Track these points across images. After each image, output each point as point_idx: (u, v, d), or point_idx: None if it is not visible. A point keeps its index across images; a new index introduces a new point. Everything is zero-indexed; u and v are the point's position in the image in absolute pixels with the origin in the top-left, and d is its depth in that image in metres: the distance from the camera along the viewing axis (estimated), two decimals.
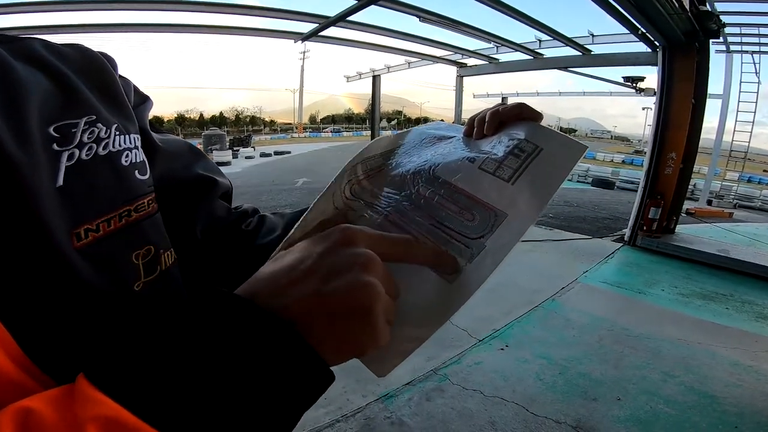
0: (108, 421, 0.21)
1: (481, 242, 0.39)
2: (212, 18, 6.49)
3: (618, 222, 7.98)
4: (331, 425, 2.26)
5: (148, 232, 0.37)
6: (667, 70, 5.78)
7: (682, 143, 5.80)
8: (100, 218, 0.33)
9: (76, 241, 0.31)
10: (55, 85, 0.34)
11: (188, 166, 0.52)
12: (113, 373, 0.23)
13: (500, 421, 2.36)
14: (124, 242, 0.34)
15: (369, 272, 0.29)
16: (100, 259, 0.32)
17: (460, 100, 10.26)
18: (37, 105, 0.32)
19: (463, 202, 0.43)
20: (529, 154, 0.45)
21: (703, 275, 5.01)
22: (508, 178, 0.43)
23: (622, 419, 2.41)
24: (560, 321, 3.67)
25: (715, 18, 5.29)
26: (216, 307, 0.26)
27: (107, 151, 0.35)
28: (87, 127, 0.34)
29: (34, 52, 0.35)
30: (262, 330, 0.25)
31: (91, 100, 0.36)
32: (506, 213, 0.41)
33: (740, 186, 15.56)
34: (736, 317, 3.91)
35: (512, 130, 0.50)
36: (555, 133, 0.48)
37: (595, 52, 7.29)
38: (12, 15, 5.25)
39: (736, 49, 9.98)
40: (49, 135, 0.31)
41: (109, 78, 0.41)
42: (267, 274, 0.29)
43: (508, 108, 0.51)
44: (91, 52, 0.41)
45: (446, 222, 0.41)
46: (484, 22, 6.95)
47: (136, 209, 0.36)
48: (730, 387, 2.74)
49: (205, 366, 0.23)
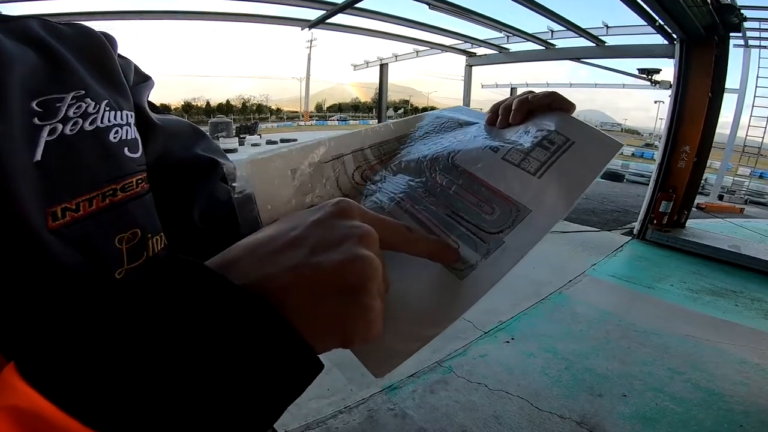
0: (21, 411, 0.18)
1: (500, 237, 0.36)
2: (219, 5, 6.45)
3: (627, 215, 7.90)
4: (335, 416, 2.27)
5: (134, 214, 0.34)
6: (684, 63, 5.66)
7: (697, 137, 5.70)
8: (81, 197, 0.30)
9: (52, 221, 0.28)
10: (44, 61, 0.33)
11: (188, 146, 0.49)
12: (40, 359, 0.20)
13: (504, 415, 2.35)
14: (106, 224, 0.32)
15: (364, 245, 0.25)
16: (78, 241, 0.30)
17: (468, 90, 10.13)
18: (19, 79, 0.30)
19: (483, 194, 0.40)
20: (559, 147, 0.42)
21: (712, 271, 4.95)
22: (534, 171, 0.40)
23: (627, 415, 2.39)
24: (567, 314, 3.65)
25: (737, 11, 5.14)
26: (171, 279, 0.22)
27: (94, 126, 0.33)
28: (74, 101, 0.32)
29: (28, 29, 0.34)
30: (226, 304, 0.21)
31: (82, 76, 0.35)
32: (530, 208, 0.38)
33: (752, 182, 15.30)
34: (745, 314, 3.86)
35: (541, 120, 0.46)
36: (588, 126, 0.44)
37: (609, 43, 7.14)
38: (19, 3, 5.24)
39: (754, 44, 9.74)
40: (31, 109, 0.30)
41: (105, 55, 0.39)
42: (246, 242, 0.26)
43: (538, 96, 0.48)
44: (90, 30, 0.39)
45: (462, 213, 0.39)
46: (494, 11, 6.84)
47: (122, 188, 0.33)
48: (736, 385, 2.71)
49: (152, 350, 0.20)
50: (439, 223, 0.39)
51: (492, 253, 0.35)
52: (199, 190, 0.48)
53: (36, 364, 0.20)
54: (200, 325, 0.21)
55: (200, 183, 0.48)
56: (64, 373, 0.19)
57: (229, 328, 0.21)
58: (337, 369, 2.62)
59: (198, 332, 0.21)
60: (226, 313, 0.21)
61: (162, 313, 0.21)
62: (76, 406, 0.18)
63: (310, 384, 0.24)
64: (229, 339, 0.21)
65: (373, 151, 0.51)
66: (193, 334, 0.20)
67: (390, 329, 0.29)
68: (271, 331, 0.22)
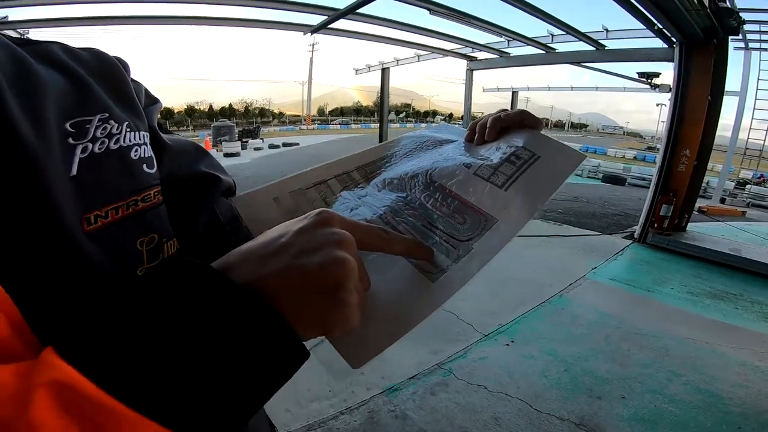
0: (59, 384, 0.21)
1: (469, 244, 0.40)
2: (222, 10, 6.51)
3: (628, 219, 7.89)
4: (335, 417, 2.30)
5: (152, 221, 0.39)
6: (683, 67, 5.68)
7: (697, 140, 5.70)
8: (109, 206, 0.35)
9: (86, 226, 0.33)
10: (71, 85, 0.37)
11: (193, 164, 0.54)
12: (75, 341, 0.24)
13: (504, 416, 2.37)
14: (130, 229, 0.37)
15: (342, 249, 0.29)
16: (108, 243, 0.34)
17: (469, 93, 10.18)
18: (54, 102, 0.34)
19: (456, 206, 0.44)
20: (525, 161, 0.47)
21: (713, 274, 4.95)
22: (502, 185, 0.45)
23: (626, 417, 2.41)
24: (567, 317, 3.67)
25: (735, 15, 5.16)
26: (184, 277, 0.26)
27: (118, 145, 0.37)
28: (100, 123, 0.37)
29: (53, 54, 0.38)
30: (229, 299, 0.26)
31: (104, 99, 0.39)
32: (496, 218, 0.42)
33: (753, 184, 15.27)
34: (745, 317, 3.86)
35: (512, 137, 0.51)
36: (554, 141, 0.49)
37: (609, 47, 7.17)
38: (23, 8, 5.30)
39: (755, 46, 9.75)
40: (66, 130, 0.34)
41: (122, 79, 0.43)
42: (242, 248, 0.31)
43: (510, 115, 0.53)
44: (106, 56, 0.44)
45: (437, 223, 0.43)
46: (495, 16, 6.88)
47: (143, 199, 0.38)
48: (736, 387, 2.72)
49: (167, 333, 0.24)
50: (417, 233, 0.43)
51: (462, 258, 0.39)
52: (202, 204, 0.53)
53: (72, 345, 0.23)
54: (207, 315, 0.25)
55: (204, 197, 0.53)
56: (96, 353, 0.23)
57: (230, 317, 0.25)
58: (338, 371, 2.65)
59: (205, 321, 0.25)
60: (228, 306, 0.25)
61: (176, 304, 0.25)
62: (107, 381, 0.22)
63: (297, 369, 0.28)
64: (230, 326, 0.25)
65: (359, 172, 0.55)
66: (201, 322, 0.25)
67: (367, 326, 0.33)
68: (264, 321, 0.26)
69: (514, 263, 4.81)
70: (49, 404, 0.21)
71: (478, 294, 3.92)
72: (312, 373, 2.58)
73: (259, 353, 0.25)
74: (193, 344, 0.24)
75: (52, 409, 0.21)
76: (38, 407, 0.21)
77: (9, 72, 0.32)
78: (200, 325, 0.24)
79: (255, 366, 0.25)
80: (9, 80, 0.32)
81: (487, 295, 3.93)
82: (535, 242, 5.84)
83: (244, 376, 0.25)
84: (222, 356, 0.24)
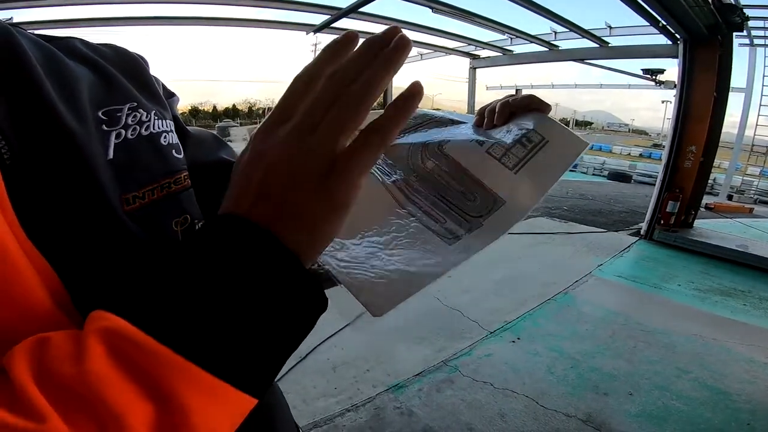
0: (108, 330, 0.23)
1: (479, 221, 0.42)
2: (225, 10, 6.53)
3: (634, 216, 7.85)
4: (342, 414, 2.30)
5: (184, 202, 0.41)
6: (688, 63, 5.65)
7: (703, 137, 5.67)
8: (145, 188, 0.37)
9: (126, 206, 0.35)
10: (98, 77, 0.39)
11: (213, 152, 0.56)
12: (119, 296, 0.25)
13: (510, 413, 2.37)
14: (165, 210, 0.39)
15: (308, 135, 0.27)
16: (147, 222, 0.36)
17: (473, 92, 10.15)
18: (87, 92, 0.36)
19: (467, 183, 0.45)
20: (536, 144, 0.47)
21: (720, 271, 4.92)
22: (513, 167, 0.45)
23: (633, 414, 2.40)
24: (573, 314, 3.65)
25: (739, 11, 5.13)
26: (202, 233, 0.27)
27: (149, 132, 0.39)
28: (130, 111, 0.39)
29: (76, 48, 0.40)
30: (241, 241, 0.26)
31: (130, 90, 0.41)
32: (505, 200, 0.43)
33: (761, 181, 15.12)
34: (753, 314, 3.84)
35: (521, 120, 0.51)
36: (561, 126, 0.49)
37: (613, 44, 7.13)
38: (25, 9, 5.35)
39: (760, 43, 9.67)
40: (99, 117, 0.36)
41: (144, 72, 0.46)
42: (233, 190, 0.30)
43: (517, 99, 0.53)
44: (126, 50, 0.46)
45: (448, 197, 0.44)
46: (497, 13, 6.90)
47: (175, 182, 0.40)
48: (744, 384, 2.70)
49: (204, 285, 0.25)
50: (428, 201, 0.44)
51: (474, 230, 0.41)
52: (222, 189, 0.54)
53: (118, 300, 0.25)
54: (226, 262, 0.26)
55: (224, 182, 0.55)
56: (141, 304, 0.24)
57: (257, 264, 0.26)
58: (345, 367, 2.66)
59: (225, 267, 0.25)
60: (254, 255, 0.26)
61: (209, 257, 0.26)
62: (153, 327, 0.23)
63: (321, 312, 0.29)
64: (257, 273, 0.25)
65: None
66: (233, 271, 0.25)
67: (393, 275, 0.36)
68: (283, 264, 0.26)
69: (519, 260, 4.80)
70: (101, 352, 0.22)
71: (484, 291, 3.92)
72: (318, 372, 2.60)
73: (278, 295, 0.26)
74: (227, 294, 0.25)
75: (104, 355, 0.22)
76: (92, 356, 0.22)
77: (46, 67, 0.34)
78: (220, 272, 0.25)
79: (278, 308, 0.26)
80: (47, 73, 0.33)
81: (492, 293, 3.92)
82: (541, 239, 5.82)
83: (270, 319, 0.26)
84: (243, 300, 0.25)
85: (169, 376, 0.23)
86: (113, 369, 0.22)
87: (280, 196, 0.27)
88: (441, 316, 3.42)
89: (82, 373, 0.22)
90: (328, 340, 2.92)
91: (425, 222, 0.43)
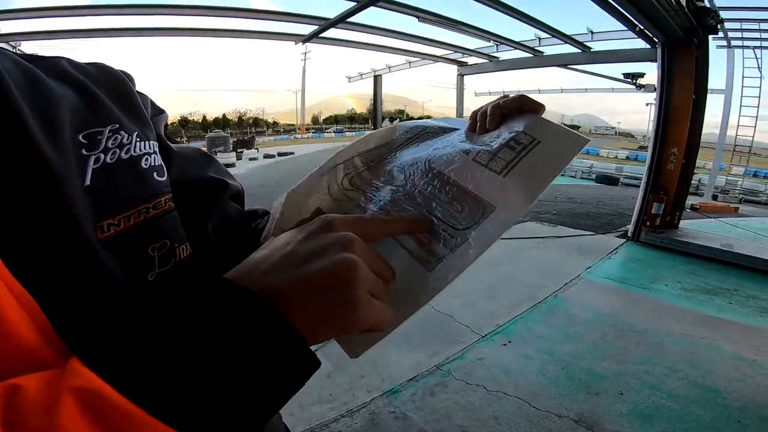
0: (84, 390, 0.23)
1: (466, 233, 0.39)
2: (214, 21, 6.54)
3: (621, 218, 7.96)
4: (337, 420, 2.30)
5: (164, 227, 0.40)
6: (666, 67, 5.76)
7: (684, 138, 5.78)
8: (121, 214, 0.36)
9: (100, 233, 0.34)
10: (81, 98, 0.39)
11: (201, 169, 0.56)
12: (99, 350, 0.25)
13: (503, 415, 2.38)
14: (142, 236, 0.38)
15: (348, 250, 0.30)
16: (120, 250, 0.35)
17: (461, 98, 10.26)
18: (67, 114, 0.36)
19: (454, 193, 0.43)
20: (525, 146, 0.45)
21: (707, 270, 4.99)
22: (500, 170, 0.43)
23: (624, 413, 2.42)
24: (563, 317, 3.69)
25: (713, 14, 5.26)
26: (198, 290, 0.28)
27: (129, 155, 0.39)
28: (111, 134, 0.38)
29: (62, 68, 0.40)
30: (241, 308, 0.27)
31: (113, 111, 0.41)
32: (494, 206, 0.40)
33: (746, 180, 15.43)
34: (740, 312, 3.90)
35: (512, 123, 0.50)
36: (555, 125, 0.47)
37: (595, 49, 7.27)
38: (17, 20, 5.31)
39: (737, 44, 9.91)
40: (79, 141, 0.36)
41: (129, 91, 0.45)
42: (250, 259, 0.32)
43: (508, 101, 0.51)
44: (112, 69, 0.46)
45: (436, 212, 0.42)
46: (483, 21, 6.96)
47: (153, 207, 0.40)
48: (733, 381, 2.74)
49: (184, 343, 0.25)
50: None
51: (459, 247, 0.39)
52: (212, 208, 0.55)
53: (96, 355, 0.25)
54: (220, 325, 0.26)
55: (213, 201, 0.56)
56: (118, 362, 0.24)
57: (243, 327, 0.26)
58: (339, 374, 2.66)
59: (219, 330, 0.26)
60: (241, 316, 0.27)
61: (192, 315, 0.27)
62: (128, 387, 0.23)
63: (308, 378, 0.30)
64: (243, 336, 0.26)
65: (362, 158, 0.56)
66: (216, 331, 0.26)
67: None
68: (276, 331, 0.27)
69: (510, 265, 4.84)
70: (74, 409, 0.22)
71: (475, 296, 3.94)
72: (313, 378, 2.57)
73: (271, 362, 0.26)
74: (207, 353, 0.25)
75: (77, 413, 0.22)
76: (64, 412, 0.22)
77: (24, 88, 0.34)
78: (214, 334, 0.26)
79: (267, 375, 0.26)
80: (24, 96, 0.33)
81: (483, 297, 3.95)
82: (531, 244, 5.87)
83: (257, 385, 0.26)
84: (235, 365, 0.25)
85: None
86: (85, 426, 0.22)
87: None
88: (433, 321, 3.44)
89: (52, 426, 0.22)
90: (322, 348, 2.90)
91: (407, 245, 0.41)
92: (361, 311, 0.29)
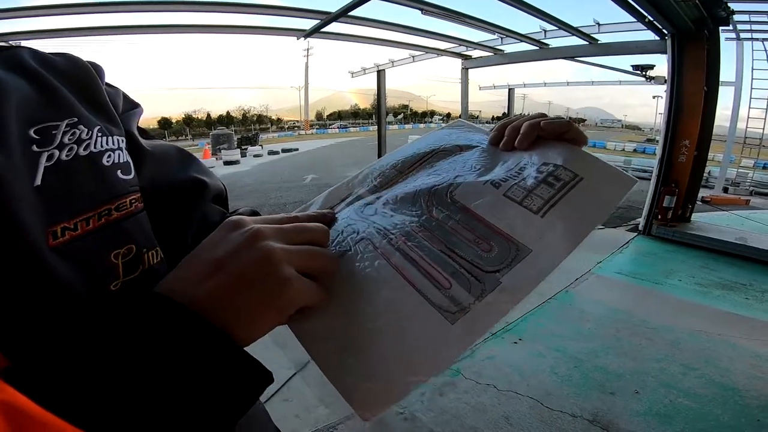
0: (9, 406, 0.22)
1: (496, 277, 0.34)
2: (214, 18, 6.51)
3: (631, 211, 7.84)
4: (344, 422, 2.25)
5: (129, 231, 0.36)
6: (676, 58, 5.66)
7: (696, 131, 5.68)
8: (78, 217, 0.32)
9: (52, 240, 0.30)
10: (37, 90, 0.35)
11: (178, 169, 0.51)
12: (21, 364, 0.25)
13: (515, 415, 2.32)
14: (102, 241, 0.34)
15: (258, 239, 0.33)
16: (77, 258, 0.32)
17: (466, 92, 10.15)
18: (16, 108, 0.32)
19: (481, 231, 0.38)
20: (566, 183, 0.40)
21: (720, 264, 4.89)
22: (537, 210, 0.38)
23: (640, 413, 2.35)
24: (575, 313, 3.61)
25: (724, 5, 5.15)
26: (128, 304, 0.28)
27: (88, 151, 0.35)
28: (68, 128, 0.35)
29: (19, 60, 0.37)
30: (168, 319, 0.27)
31: (73, 104, 0.37)
32: (530, 248, 0.36)
33: (756, 173, 15.22)
34: (756, 307, 3.81)
35: (549, 151, 0.44)
36: (599, 161, 0.42)
37: (602, 41, 7.14)
38: (14, 20, 5.30)
39: (746, 37, 9.77)
40: (29, 137, 0.32)
41: (93, 84, 0.41)
42: (178, 269, 0.34)
43: (552, 124, 0.46)
44: (79, 60, 0.42)
45: (457, 248, 0.37)
46: (487, 14, 6.87)
47: (117, 208, 0.36)
48: (751, 379, 2.66)
49: (113, 359, 0.25)
50: (432, 259, 0.37)
51: (487, 294, 0.33)
52: (192, 212, 0.50)
53: (19, 368, 0.24)
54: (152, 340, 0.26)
55: (193, 205, 0.51)
56: (47, 379, 0.24)
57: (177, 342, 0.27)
58: None
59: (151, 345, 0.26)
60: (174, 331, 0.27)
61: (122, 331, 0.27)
62: (48, 400, 0.22)
63: (261, 388, 0.30)
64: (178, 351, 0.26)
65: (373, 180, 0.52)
66: (148, 346, 0.26)
67: (378, 371, 0.30)
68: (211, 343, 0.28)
69: None
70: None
71: None
72: (318, 380, 2.54)
73: (202, 372, 0.26)
74: (138, 370, 0.25)
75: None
76: None
77: None
78: (145, 348, 0.25)
79: (200, 386, 0.26)
80: None
81: None
82: None
83: (189, 397, 0.26)
84: (161, 376, 0.25)
85: None
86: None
87: None
88: None
89: None
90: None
91: (425, 290, 0.35)
92: (290, 288, 0.31)
